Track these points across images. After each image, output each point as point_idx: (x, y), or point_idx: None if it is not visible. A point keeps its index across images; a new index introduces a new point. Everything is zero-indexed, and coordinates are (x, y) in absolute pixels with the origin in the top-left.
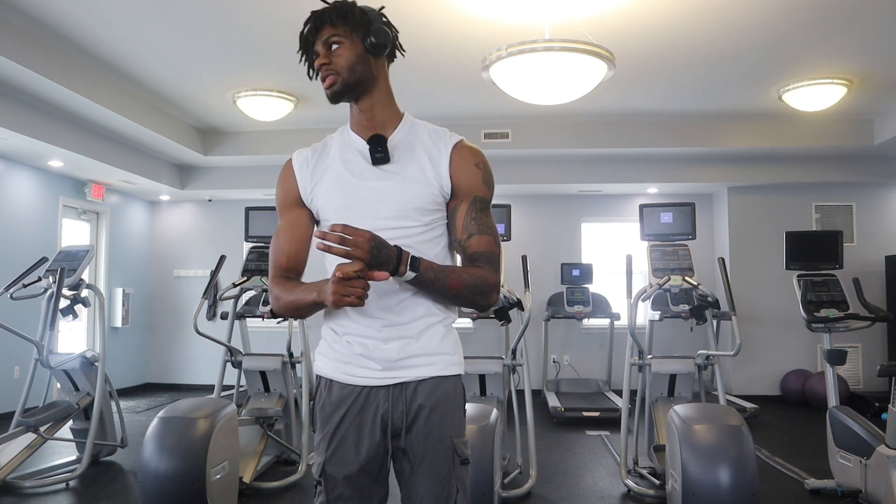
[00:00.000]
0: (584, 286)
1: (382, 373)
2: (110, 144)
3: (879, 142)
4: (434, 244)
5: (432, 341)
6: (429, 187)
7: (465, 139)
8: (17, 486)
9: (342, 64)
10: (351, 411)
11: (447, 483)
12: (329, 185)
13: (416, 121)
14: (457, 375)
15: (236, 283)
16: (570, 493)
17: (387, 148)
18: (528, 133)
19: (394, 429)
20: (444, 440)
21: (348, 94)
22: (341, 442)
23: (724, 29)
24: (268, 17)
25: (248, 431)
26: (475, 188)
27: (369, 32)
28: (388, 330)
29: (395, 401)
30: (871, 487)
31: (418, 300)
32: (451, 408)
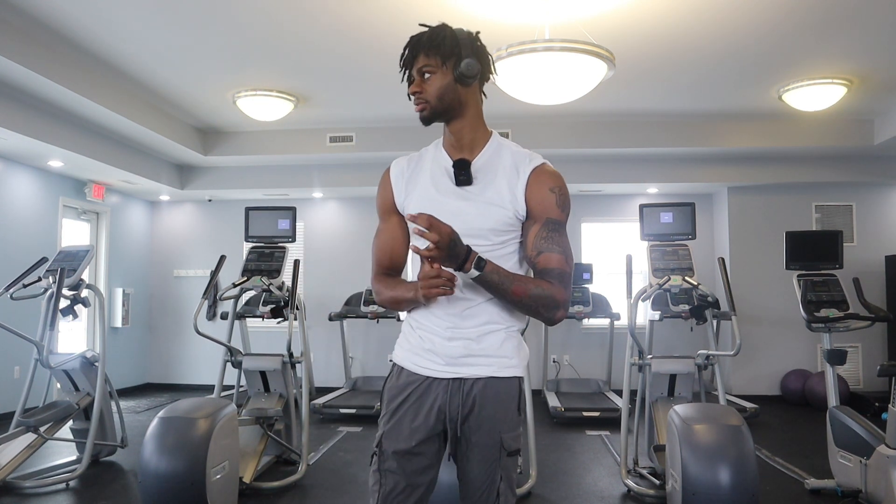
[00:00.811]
0: (584, 286)
1: (444, 367)
2: (110, 144)
3: (879, 142)
4: (504, 260)
5: (492, 345)
6: (503, 210)
7: (546, 163)
8: (18, 486)
9: (432, 93)
10: (412, 396)
11: (493, 471)
12: (418, 198)
13: (502, 142)
14: (512, 377)
15: (236, 283)
16: (570, 493)
17: (470, 172)
18: (528, 133)
19: (450, 418)
20: (494, 434)
21: (437, 119)
22: (399, 421)
23: (724, 29)
24: (268, 17)
25: (248, 431)
26: (548, 210)
27: (459, 64)
28: (452, 331)
29: (452, 393)
30: (871, 487)
31: (483, 308)
32: (502, 405)
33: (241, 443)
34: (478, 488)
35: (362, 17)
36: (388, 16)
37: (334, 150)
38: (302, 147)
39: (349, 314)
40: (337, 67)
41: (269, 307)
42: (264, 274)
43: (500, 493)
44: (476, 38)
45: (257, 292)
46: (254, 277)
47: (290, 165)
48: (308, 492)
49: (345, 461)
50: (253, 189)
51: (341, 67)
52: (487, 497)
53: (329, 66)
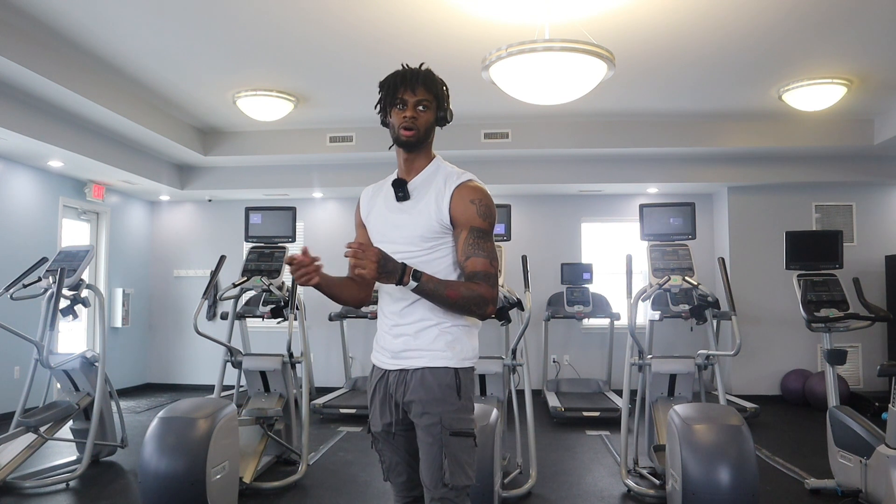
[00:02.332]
0: (584, 286)
1: (391, 360)
2: (110, 144)
3: (879, 142)
4: (437, 263)
5: (427, 340)
6: (430, 220)
7: (472, 180)
8: (18, 487)
9: (423, 125)
10: (378, 387)
11: (437, 447)
12: (375, 215)
13: (441, 165)
14: (446, 367)
15: (236, 284)
16: (570, 493)
17: (406, 189)
18: (528, 133)
19: (399, 403)
20: (433, 413)
21: (415, 147)
22: (373, 408)
23: (724, 29)
24: (268, 17)
25: (248, 431)
26: (471, 220)
27: (444, 109)
28: (395, 328)
29: (398, 383)
30: (872, 487)
31: (416, 307)
32: (438, 391)
33: (241, 443)
34: (427, 465)
35: (363, 18)
36: (388, 16)
37: (334, 150)
38: (302, 147)
39: (349, 314)
40: (337, 67)
41: (269, 307)
42: (264, 274)
43: (445, 470)
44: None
45: (257, 292)
46: (254, 277)
47: (290, 165)
48: (308, 492)
49: (345, 461)
50: (253, 189)
51: (341, 67)
52: (434, 473)
53: (329, 66)
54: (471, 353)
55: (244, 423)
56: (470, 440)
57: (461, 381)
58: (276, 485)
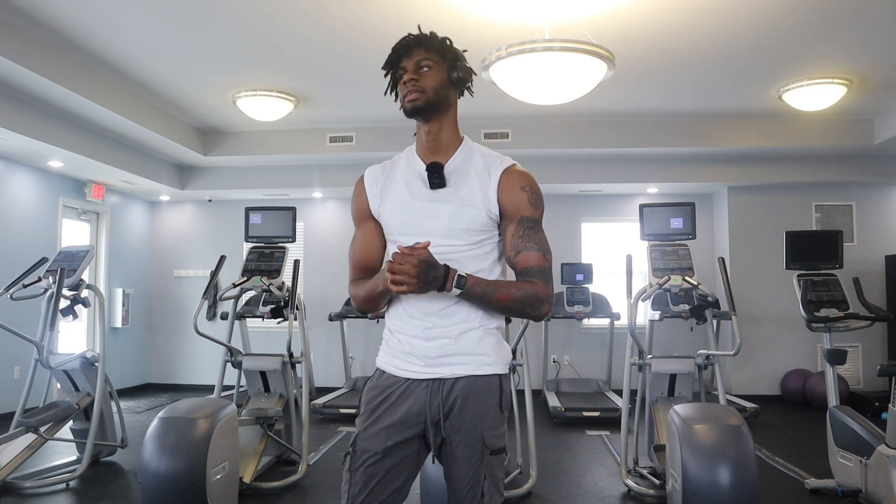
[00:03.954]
0: (584, 286)
1: (423, 368)
2: (110, 144)
3: (879, 141)
4: (481, 259)
5: (469, 343)
6: (477, 211)
7: (516, 164)
8: (18, 487)
9: (430, 84)
10: (391, 397)
11: (477, 470)
12: (393, 203)
13: (474, 146)
14: (492, 375)
15: (236, 284)
16: (570, 493)
17: (443, 174)
18: (528, 133)
19: (431, 419)
20: (475, 432)
21: (426, 112)
22: (375, 422)
23: (724, 29)
24: (268, 17)
25: (248, 431)
26: (521, 209)
27: (456, 67)
28: (430, 331)
29: (432, 394)
30: (872, 487)
31: (459, 308)
32: (483, 403)
33: (241, 443)
34: (462, 488)
35: (362, 18)
36: (388, 16)
37: (334, 150)
38: (302, 147)
39: (349, 314)
40: (337, 67)
41: (269, 307)
42: (264, 274)
43: (485, 493)
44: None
45: (257, 292)
46: (254, 277)
47: (290, 165)
48: (308, 492)
49: None
50: (253, 189)
51: (341, 67)
52: (472, 497)
53: (329, 66)
54: (509, 357)
55: (244, 423)
56: (504, 454)
57: (503, 391)
58: (276, 485)
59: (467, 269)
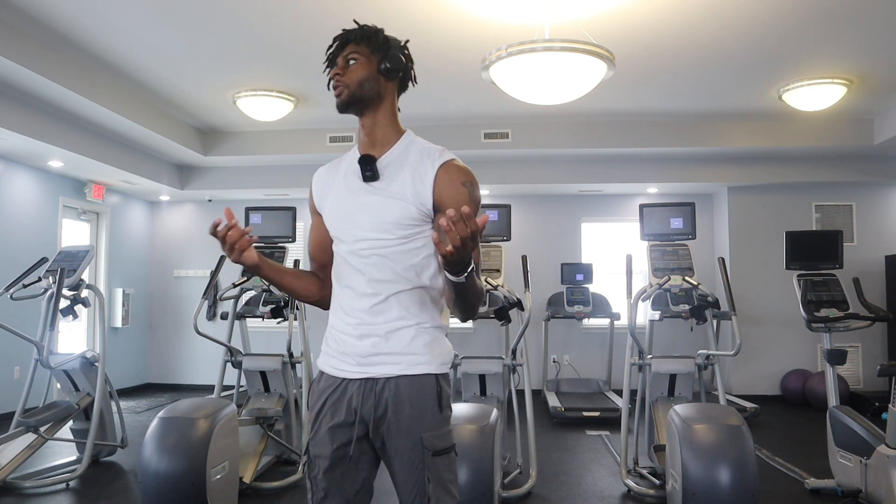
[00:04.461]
0: (584, 286)
1: (355, 367)
2: (110, 144)
3: (879, 142)
4: (412, 254)
5: (401, 342)
6: (406, 205)
7: (456, 159)
8: (18, 487)
9: (353, 78)
10: (330, 399)
11: (419, 473)
12: (332, 198)
13: (414, 140)
14: (425, 375)
15: (236, 284)
16: (570, 493)
17: (375, 167)
18: (528, 133)
19: (365, 420)
20: (412, 434)
21: (353, 106)
22: (319, 426)
23: (724, 29)
24: (268, 17)
25: (248, 431)
26: (461, 205)
27: (386, 57)
28: (361, 328)
29: (365, 394)
30: (872, 487)
31: (390, 304)
32: (418, 404)
33: (241, 443)
34: (408, 493)
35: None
36: (388, 16)
37: (334, 150)
38: (302, 147)
39: None
40: None
41: (269, 307)
42: None
43: (431, 496)
44: (405, 46)
45: (257, 292)
46: (254, 277)
47: (290, 165)
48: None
49: None
50: (253, 189)
51: None
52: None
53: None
54: (448, 356)
55: (244, 423)
56: (451, 455)
57: (442, 390)
58: (276, 485)
59: (397, 264)
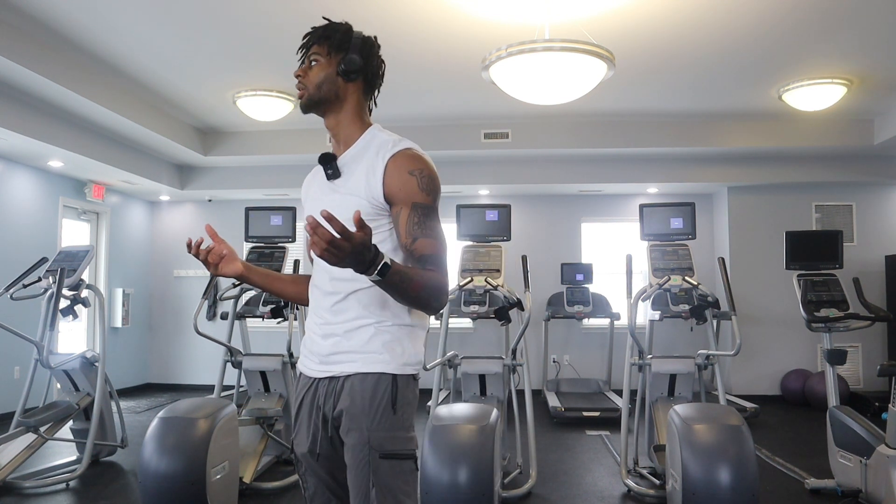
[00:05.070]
0: (584, 286)
1: (319, 366)
2: (110, 144)
3: (879, 142)
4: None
5: (359, 341)
6: (358, 200)
7: (410, 148)
8: (18, 487)
9: (311, 81)
10: (305, 400)
11: (364, 475)
12: (310, 199)
13: (377, 134)
14: (381, 373)
15: (236, 284)
16: (570, 493)
17: (335, 165)
18: (528, 133)
19: (326, 417)
20: (361, 433)
21: (313, 108)
22: (299, 427)
23: (724, 29)
24: (267, 17)
25: (248, 431)
26: (412, 195)
27: (343, 59)
28: (324, 327)
29: (328, 393)
30: (872, 487)
31: (349, 303)
32: (369, 403)
33: (241, 443)
34: (354, 495)
35: (363, 18)
36: (388, 16)
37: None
38: (302, 147)
39: None
40: None
41: (270, 307)
42: None
43: (373, 501)
44: (372, 41)
45: (257, 292)
46: None
47: (290, 165)
48: None
49: None
50: (253, 189)
51: None
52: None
53: None
54: (413, 357)
55: (244, 423)
56: (407, 463)
57: (398, 391)
58: (276, 485)
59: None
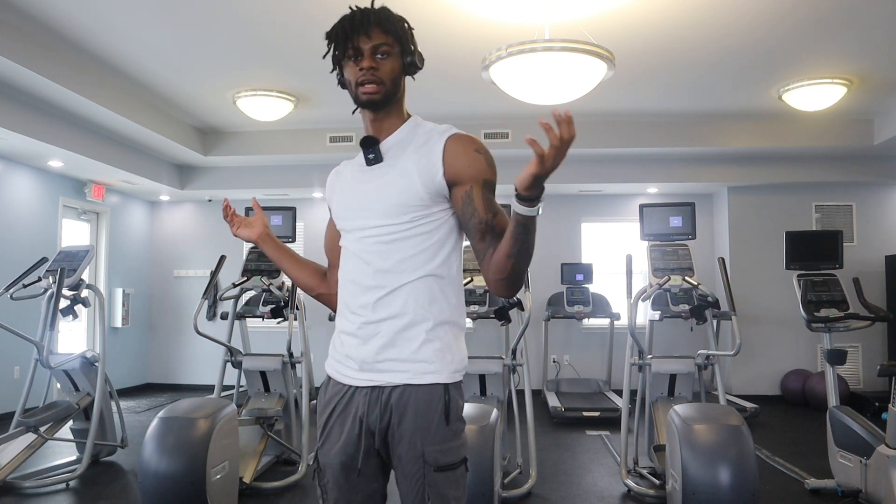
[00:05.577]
0: (584, 286)
1: (360, 374)
2: (110, 144)
3: (879, 142)
4: (424, 238)
5: (409, 348)
6: (412, 184)
7: (463, 132)
8: (18, 486)
9: (388, 75)
10: (337, 408)
11: (419, 488)
12: (339, 191)
13: (421, 122)
14: (433, 385)
15: (236, 284)
16: (570, 493)
17: (378, 149)
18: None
19: (371, 430)
20: (414, 447)
21: (385, 104)
22: (328, 435)
23: (724, 29)
24: (268, 17)
25: (248, 431)
26: (481, 172)
27: (412, 52)
28: (366, 328)
29: (371, 404)
30: (872, 487)
31: (397, 299)
32: (422, 416)
33: (241, 443)
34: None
35: None
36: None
37: (334, 150)
38: (302, 147)
39: None
40: None
41: (269, 307)
42: (264, 274)
43: None
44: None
45: (257, 292)
46: (254, 277)
47: (290, 165)
48: (308, 492)
49: None
50: (253, 189)
51: None
52: None
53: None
54: (461, 362)
55: (244, 423)
56: (459, 470)
57: (451, 401)
58: (276, 485)
59: (406, 251)
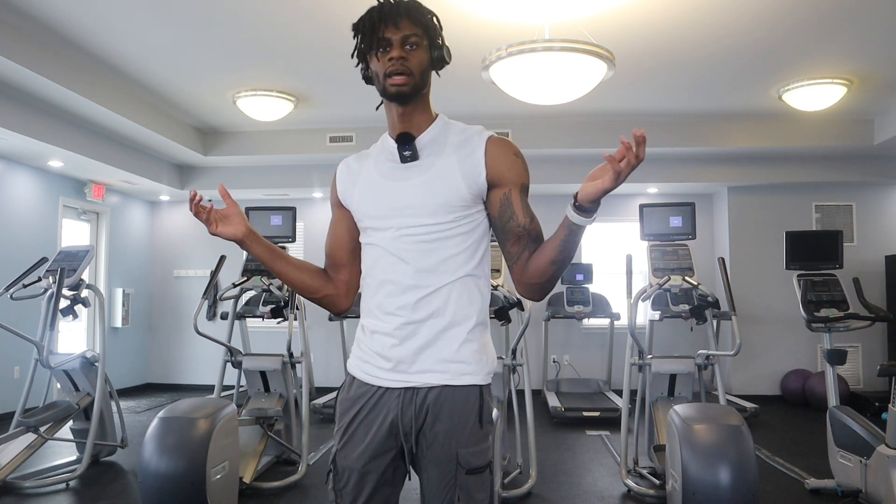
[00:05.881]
0: (584, 286)
1: (394, 374)
2: (110, 144)
3: (879, 142)
4: (464, 238)
5: (449, 349)
6: (457, 183)
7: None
8: (18, 487)
9: (417, 67)
10: (363, 409)
11: (450, 490)
12: (362, 187)
13: (450, 122)
14: (470, 386)
15: (236, 284)
16: (570, 493)
17: (415, 146)
18: (528, 133)
19: (404, 432)
20: (448, 449)
21: (413, 97)
22: (351, 437)
23: (724, 29)
24: (268, 17)
25: (248, 431)
26: (520, 176)
27: (440, 47)
28: (405, 328)
29: (405, 405)
30: (872, 487)
31: (440, 299)
32: (458, 417)
33: (241, 443)
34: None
35: None
36: None
37: (334, 150)
38: (302, 147)
39: (349, 314)
40: (337, 67)
41: (269, 307)
42: (264, 274)
43: None
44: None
45: (257, 292)
46: (254, 277)
47: (290, 165)
48: (308, 492)
49: None
50: (253, 189)
51: (341, 67)
52: None
53: (329, 66)
54: (493, 363)
55: (244, 423)
56: (486, 472)
57: (484, 403)
58: (276, 485)
59: (447, 251)
